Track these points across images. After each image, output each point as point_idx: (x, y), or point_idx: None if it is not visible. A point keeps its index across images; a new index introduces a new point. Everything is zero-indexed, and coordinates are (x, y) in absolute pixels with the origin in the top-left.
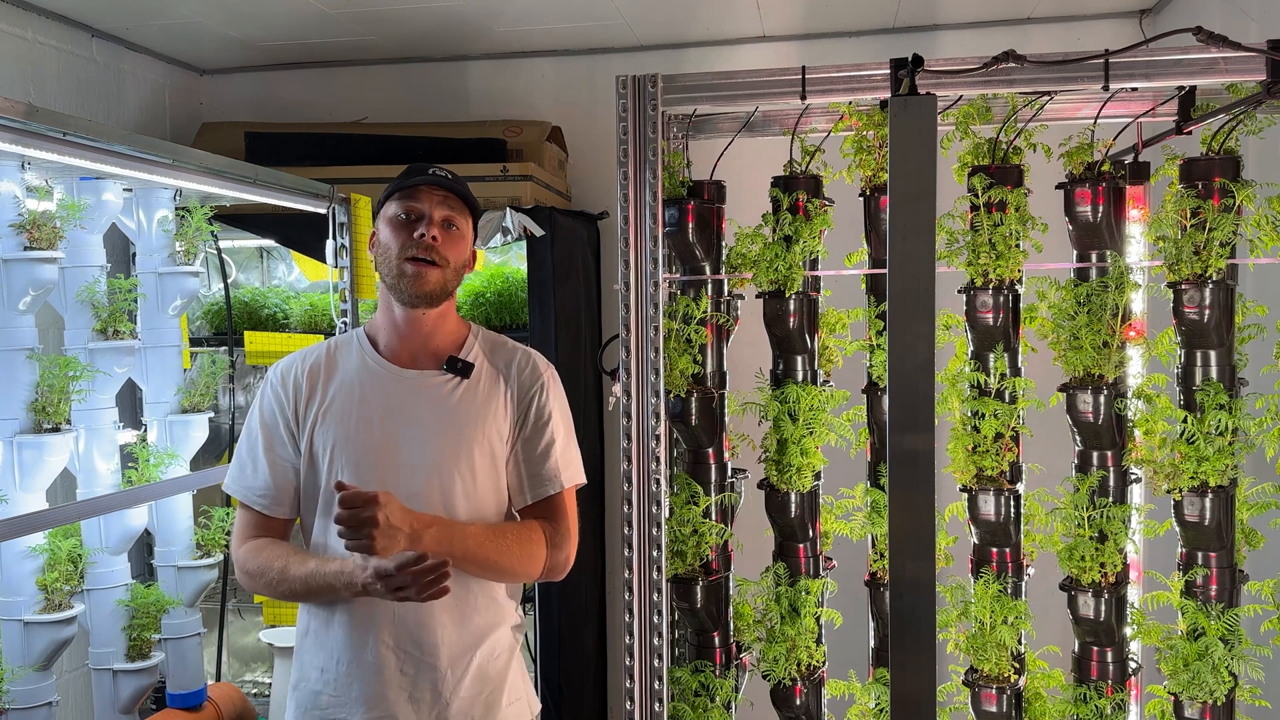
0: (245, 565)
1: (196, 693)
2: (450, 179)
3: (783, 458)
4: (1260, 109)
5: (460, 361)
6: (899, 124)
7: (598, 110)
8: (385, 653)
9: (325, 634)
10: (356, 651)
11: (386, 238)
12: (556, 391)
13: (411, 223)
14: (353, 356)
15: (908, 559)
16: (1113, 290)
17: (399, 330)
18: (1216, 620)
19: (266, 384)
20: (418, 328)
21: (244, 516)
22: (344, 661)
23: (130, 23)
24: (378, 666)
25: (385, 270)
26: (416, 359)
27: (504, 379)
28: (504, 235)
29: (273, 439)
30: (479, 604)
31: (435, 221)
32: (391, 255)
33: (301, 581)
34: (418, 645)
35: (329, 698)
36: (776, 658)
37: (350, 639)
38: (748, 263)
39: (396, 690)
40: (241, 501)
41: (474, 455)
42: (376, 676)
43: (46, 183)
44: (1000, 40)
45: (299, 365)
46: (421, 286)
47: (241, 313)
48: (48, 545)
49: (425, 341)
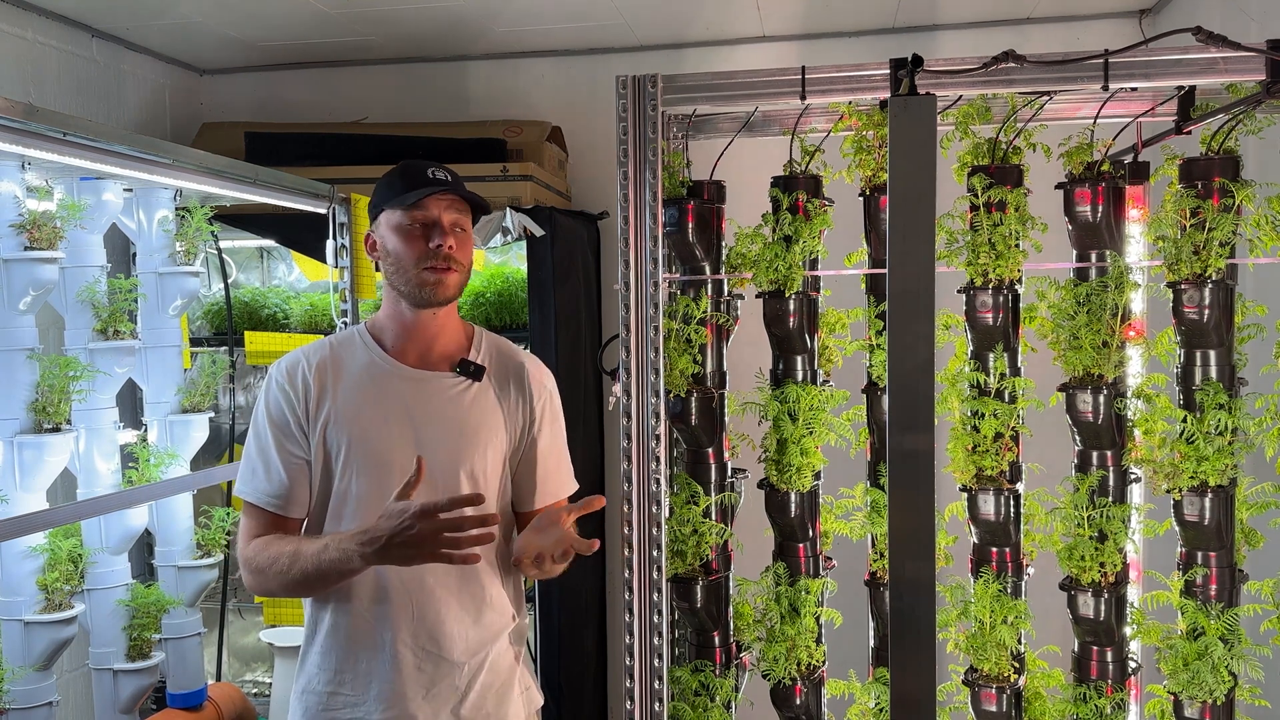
0: (255, 560)
1: (197, 692)
2: (453, 183)
3: (783, 457)
4: (1260, 109)
5: (473, 364)
6: (899, 124)
7: (598, 110)
8: (404, 651)
9: (340, 635)
10: (375, 651)
11: (397, 247)
12: (558, 399)
13: (424, 231)
14: (358, 355)
15: (908, 559)
16: (1112, 290)
17: (409, 330)
18: (1216, 620)
19: (271, 382)
20: (427, 327)
21: (253, 518)
22: (362, 660)
23: (130, 23)
24: (396, 665)
25: (400, 279)
26: (425, 359)
27: (514, 384)
28: (504, 235)
29: (284, 437)
30: (492, 601)
31: (448, 229)
32: (407, 265)
33: (314, 558)
34: (435, 643)
35: (345, 698)
36: (776, 657)
37: (368, 639)
38: (747, 263)
39: (414, 687)
40: (251, 504)
41: (487, 458)
42: (395, 675)
43: (47, 183)
44: (1000, 40)
45: (305, 363)
46: (444, 293)
47: (241, 313)
48: (48, 545)
49: (433, 341)
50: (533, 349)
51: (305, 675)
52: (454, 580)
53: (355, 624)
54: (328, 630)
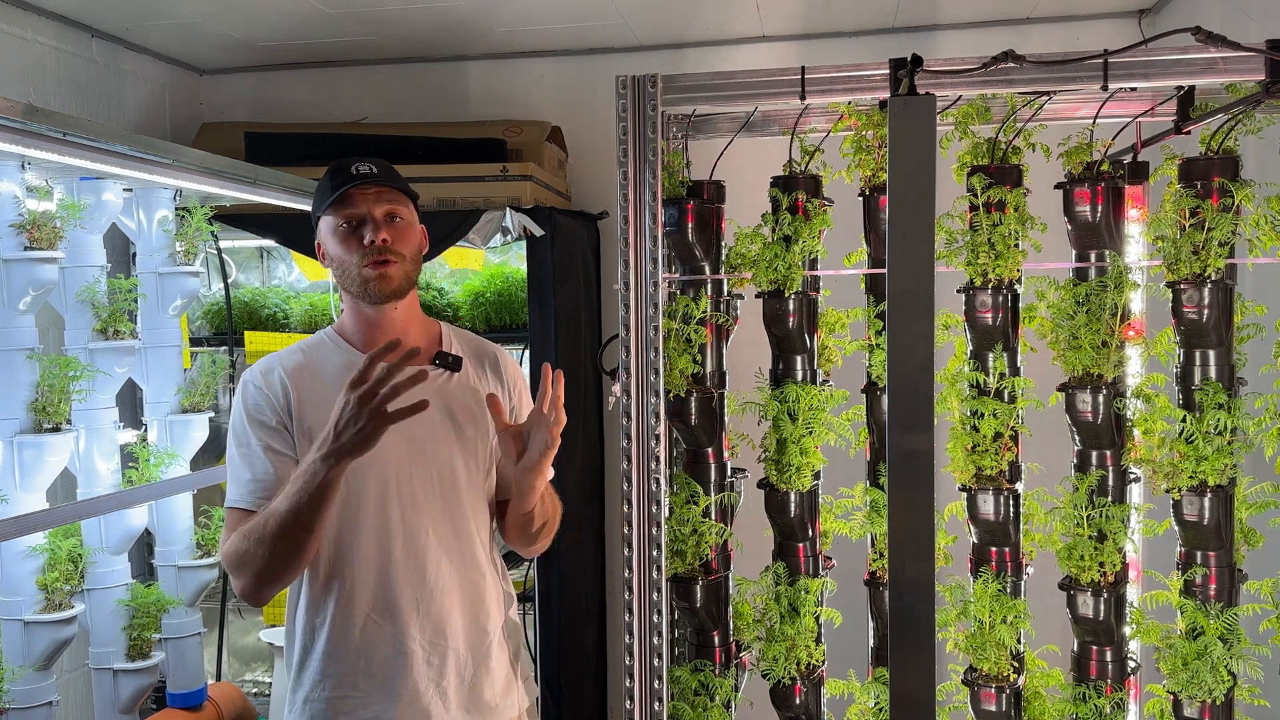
0: (235, 547)
1: (196, 692)
2: (377, 174)
3: (782, 457)
4: (1259, 109)
5: (450, 355)
6: (898, 124)
7: (597, 110)
8: (413, 646)
9: (345, 640)
10: (384, 648)
11: (337, 251)
12: (528, 387)
13: (356, 229)
14: (332, 357)
15: (907, 558)
16: (1112, 290)
17: (377, 327)
18: (1215, 619)
19: (247, 387)
20: (394, 323)
21: (237, 520)
22: (374, 660)
23: (130, 23)
24: (408, 659)
25: (346, 281)
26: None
27: (490, 372)
28: (504, 235)
29: (268, 435)
30: (489, 590)
31: (379, 222)
32: (349, 266)
33: (283, 500)
34: (441, 634)
35: (355, 700)
36: (776, 657)
37: (378, 636)
38: (747, 262)
39: (425, 680)
40: (236, 508)
41: (477, 447)
42: (408, 669)
43: (46, 183)
44: (999, 40)
45: (278, 368)
46: (387, 286)
47: (241, 313)
48: (48, 545)
49: (403, 336)
50: (533, 349)
51: (305, 685)
52: (455, 572)
53: (360, 627)
54: (328, 637)
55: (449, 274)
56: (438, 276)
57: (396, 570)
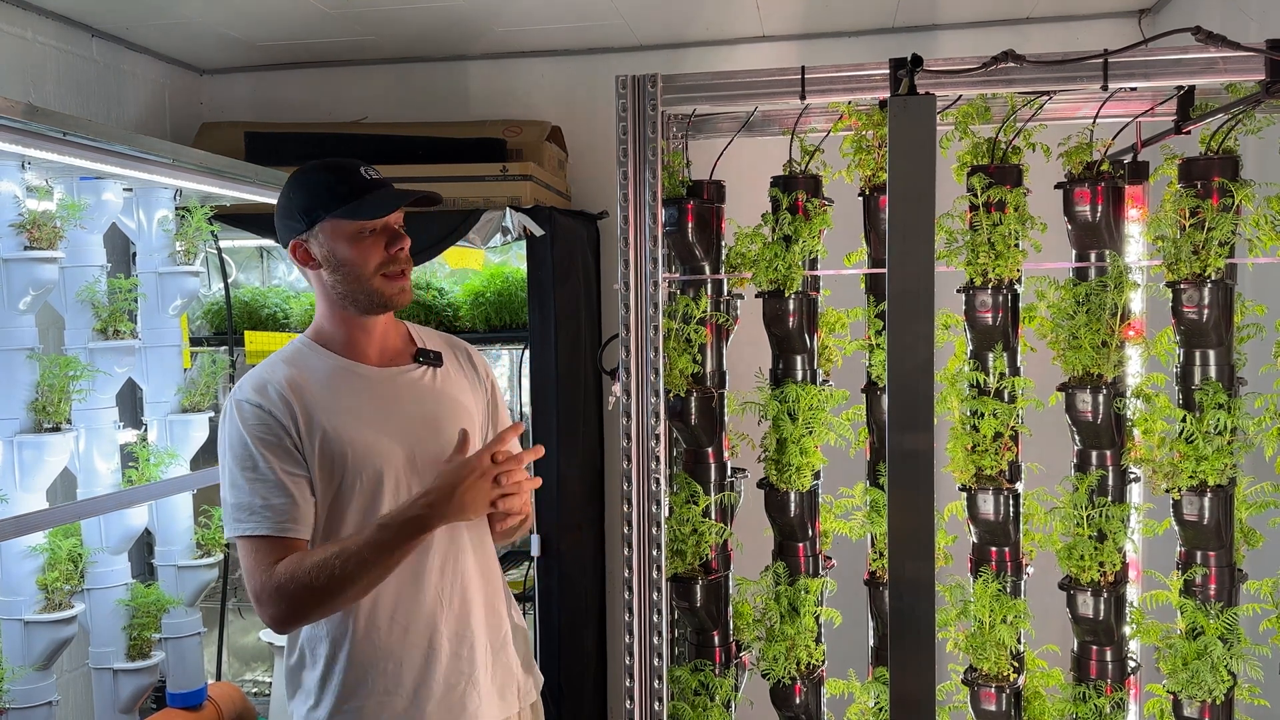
0: (294, 579)
1: (196, 692)
2: (409, 192)
3: (782, 457)
4: (1259, 109)
5: (431, 352)
6: (898, 124)
7: (598, 110)
8: (443, 643)
9: (374, 644)
10: (413, 649)
11: (351, 256)
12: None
13: (379, 237)
14: (319, 365)
15: (907, 558)
16: (1112, 290)
17: (362, 332)
18: (1215, 619)
19: (242, 408)
20: (377, 326)
21: (264, 551)
22: (403, 662)
23: (130, 23)
24: (444, 657)
25: (355, 287)
26: (384, 356)
27: (466, 365)
28: (504, 235)
29: (283, 459)
30: (499, 588)
31: (400, 233)
32: (365, 274)
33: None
34: (468, 629)
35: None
36: (776, 657)
37: (405, 637)
38: (747, 262)
39: (456, 675)
40: (257, 537)
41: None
42: (443, 668)
43: (46, 183)
44: (999, 40)
45: (272, 384)
46: (407, 298)
47: (241, 313)
48: (48, 545)
49: (384, 339)
50: (533, 349)
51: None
52: (475, 562)
53: (385, 631)
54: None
55: (449, 274)
56: (438, 276)
57: (422, 568)
